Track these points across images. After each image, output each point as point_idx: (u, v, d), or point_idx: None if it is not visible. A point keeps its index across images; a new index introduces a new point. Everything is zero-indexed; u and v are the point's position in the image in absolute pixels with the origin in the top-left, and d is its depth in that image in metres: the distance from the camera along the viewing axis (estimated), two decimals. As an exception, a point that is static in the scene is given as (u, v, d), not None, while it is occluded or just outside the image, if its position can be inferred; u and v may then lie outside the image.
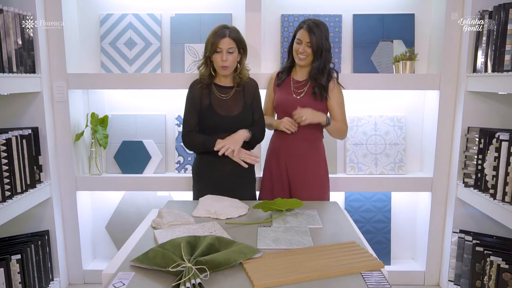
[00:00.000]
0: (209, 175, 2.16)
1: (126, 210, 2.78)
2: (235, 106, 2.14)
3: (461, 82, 2.45)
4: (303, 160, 2.24)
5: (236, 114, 2.13)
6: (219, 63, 2.07)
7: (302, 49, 2.16)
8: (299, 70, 2.27)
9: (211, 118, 2.12)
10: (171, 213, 1.65)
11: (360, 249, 1.36)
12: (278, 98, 2.29)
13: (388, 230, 2.76)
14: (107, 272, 1.27)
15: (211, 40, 2.06)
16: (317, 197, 2.22)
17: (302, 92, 2.24)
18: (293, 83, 2.27)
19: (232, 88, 2.17)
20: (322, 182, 2.29)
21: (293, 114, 2.14)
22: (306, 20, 2.18)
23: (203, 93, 2.14)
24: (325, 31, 2.16)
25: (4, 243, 2.31)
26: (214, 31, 2.08)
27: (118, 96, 2.75)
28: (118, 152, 2.71)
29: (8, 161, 2.08)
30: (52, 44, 2.48)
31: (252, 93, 2.19)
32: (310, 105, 2.17)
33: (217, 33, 2.06)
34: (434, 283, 2.70)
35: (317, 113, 2.15)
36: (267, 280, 1.15)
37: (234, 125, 2.12)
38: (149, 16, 2.66)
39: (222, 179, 2.14)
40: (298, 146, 2.24)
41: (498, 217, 2.06)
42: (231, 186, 2.13)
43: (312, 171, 2.25)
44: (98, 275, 2.67)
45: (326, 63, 2.18)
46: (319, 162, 2.28)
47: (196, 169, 2.23)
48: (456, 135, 2.49)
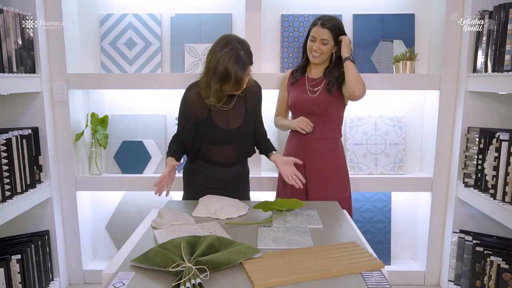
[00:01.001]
0: (201, 180, 2.02)
1: (126, 210, 2.78)
2: (236, 118, 1.95)
3: (461, 82, 2.45)
4: (322, 160, 2.19)
5: (236, 127, 1.95)
6: (237, 90, 1.85)
7: (316, 47, 2.13)
8: (314, 68, 2.24)
9: (209, 131, 1.93)
10: (171, 213, 1.65)
11: (360, 249, 1.36)
12: (293, 97, 2.25)
13: (388, 230, 2.76)
14: (107, 272, 1.27)
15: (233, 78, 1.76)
16: (337, 197, 2.12)
17: (317, 91, 2.19)
18: (308, 81, 2.24)
19: (234, 97, 1.94)
20: (342, 181, 2.24)
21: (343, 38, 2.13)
22: (321, 17, 2.15)
23: (200, 104, 1.90)
24: (340, 26, 2.15)
25: (4, 243, 2.31)
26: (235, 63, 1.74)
27: (118, 96, 2.75)
28: (118, 152, 2.71)
29: (8, 161, 2.08)
30: (52, 44, 2.48)
31: (254, 100, 2.01)
32: (326, 102, 2.15)
33: (240, 65, 1.76)
34: (434, 283, 2.70)
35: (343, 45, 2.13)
36: (267, 280, 1.15)
37: (234, 138, 1.96)
38: (149, 16, 2.66)
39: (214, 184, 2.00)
40: (316, 145, 2.19)
41: (498, 217, 2.06)
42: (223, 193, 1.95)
43: (331, 171, 2.20)
44: (98, 275, 2.67)
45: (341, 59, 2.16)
46: (339, 162, 2.23)
47: (186, 172, 2.11)
48: (456, 135, 2.49)
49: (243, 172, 2.14)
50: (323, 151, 2.20)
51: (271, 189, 2.59)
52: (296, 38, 2.66)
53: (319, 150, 2.19)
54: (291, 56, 2.67)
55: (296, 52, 2.67)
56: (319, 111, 2.17)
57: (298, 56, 2.67)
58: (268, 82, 2.49)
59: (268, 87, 2.51)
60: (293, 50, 2.67)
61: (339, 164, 2.24)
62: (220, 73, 1.76)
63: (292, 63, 2.67)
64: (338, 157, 2.24)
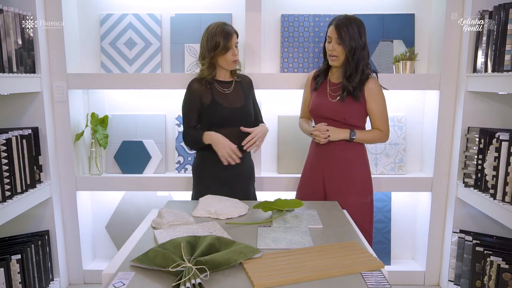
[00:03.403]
0: (211, 171, 2.14)
1: (126, 210, 2.78)
2: (238, 99, 2.16)
3: (461, 82, 2.45)
4: (340, 168, 2.10)
5: (240, 106, 2.15)
6: (230, 59, 2.10)
7: (332, 47, 2.02)
8: (335, 72, 2.13)
9: (217, 111, 2.11)
10: (171, 213, 1.65)
11: (360, 249, 1.36)
12: (313, 101, 2.16)
13: (388, 230, 2.76)
14: (107, 272, 1.27)
15: (222, 42, 2.06)
16: (355, 203, 2.07)
17: (337, 96, 2.08)
18: (329, 86, 2.14)
19: (232, 82, 2.20)
20: (362, 187, 2.12)
21: (314, 130, 2.07)
22: (337, 16, 2.05)
23: (204, 91, 2.13)
24: (358, 26, 2.01)
25: (4, 243, 2.31)
26: (221, 32, 2.07)
27: (118, 96, 2.75)
28: (118, 152, 2.71)
29: (8, 161, 2.08)
30: (52, 44, 2.48)
31: (248, 86, 2.25)
32: (343, 110, 2.05)
33: (225, 32, 2.07)
34: (434, 283, 2.70)
35: (339, 130, 2.05)
36: (267, 280, 1.15)
37: (239, 118, 2.13)
38: (149, 16, 2.66)
39: (223, 174, 2.12)
40: (333, 153, 2.10)
41: (498, 217, 2.06)
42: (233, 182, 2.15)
43: (350, 178, 2.10)
44: (98, 275, 2.67)
45: (359, 62, 2.01)
46: (359, 168, 2.12)
47: (197, 167, 2.21)
48: (456, 135, 2.49)
49: (250, 160, 2.28)
50: (341, 158, 2.10)
51: (271, 189, 2.60)
52: (296, 38, 2.66)
53: (336, 157, 2.10)
54: (291, 56, 2.67)
55: (296, 52, 2.66)
56: (337, 118, 2.07)
57: (298, 56, 2.67)
58: (268, 82, 2.50)
59: (268, 87, 2.51)
60: (293, 50, 2.66)
61: (358, 170, 2.12)
62: (211, 44, 2.07)
63: (292, 63, 2.67)
64: (358, 164, 2.12)
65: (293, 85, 2.49)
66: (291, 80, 2.50)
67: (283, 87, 2.52)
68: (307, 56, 2.66)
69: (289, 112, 2.66)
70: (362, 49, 2.02)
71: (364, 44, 2.03)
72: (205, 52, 2.11)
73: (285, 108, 2.66)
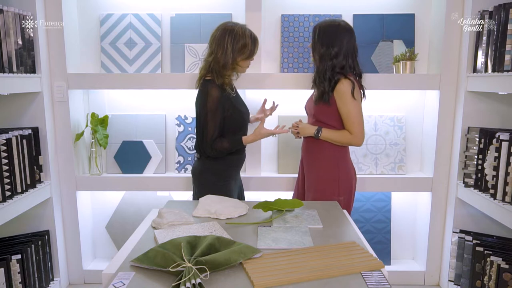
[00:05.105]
0: (233, 174, 2.21)
1: (126, 210, 2.78)
2: (242, 102, 2.23)
3: (461, 82, 2.45)
4: (308, 166, 2.23)
5: (247, 108, 2.23)
6: (248, 64, 2.15)
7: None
8: None
9: (239, 114, 2.12)
10: (171, 213, 1.65)
11: (360, 249, 1.36)
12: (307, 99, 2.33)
13: (388, 230, 2.76)
14: (107, 272, 1.27)
15: (250, 46, 2.05)
16: (322, 198, 2.13)
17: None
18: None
19: (233, 87, 2.22)
20: (328, 187, 2.16)
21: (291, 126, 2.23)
22: (321, 20, 2.19)
23: (223, 98, 2.05)
24: (334, 34, 2.03)
25: (4, 243, 2.31)
26: (249, 35, 2.06)
27: (118, 96, 2.75)
28: (118, 152, 2.71)
29: (8, 161, 2.08)
30: (52, 44, 2.48)
31: None
32: (317, 110, 2.14)
33: (254, 38, 2.08)
34: (434, 283, 2.70)
35: (309, 127, 2.16)
36: (267, 280, 1.15)
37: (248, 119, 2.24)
38: (149, 16, 2.66)
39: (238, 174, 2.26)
40: (305, 150, 2.26)
41: (498, 217, 2.06)
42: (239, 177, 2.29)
43: (315, 177, 2.19)
44: (98, 275, 2.67)
45: (326, 70, 2.06)
46: (326, 168, 2.16)
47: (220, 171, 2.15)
48: (456, 135, 2.49)
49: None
50: (308, 153, 2.22)
51: (271, 189, 2.60)
52: (296, 38, 2.66)
53: (305, 152, 2.25)
54: (291, 56, 2.67)
55: (296, 52, 2.67)
56: (316, 118, 2.18)
57: (298, 56, 2.67)
58: (268, 82, 2.50)
59: (268, 87, 2.51)
60: (293, 50, 2.67)
61: (325, 168, 2.15)
62: (239, 45, 2.01)
63: (292, 63, 2.67)
64: (325, 161, 2.16)
65: (293, 85, 2.49)
66: (291, 80, 2.50)
67: (283, 87, 2.52)
68: (307, 56, 2.66)
69: (289, 112, 2.67)
70: (331, 59, 2.04)
71: (336, 53, 2.04)
72: (232, 54, 2.01)
73: (285, 108, 2.66)
